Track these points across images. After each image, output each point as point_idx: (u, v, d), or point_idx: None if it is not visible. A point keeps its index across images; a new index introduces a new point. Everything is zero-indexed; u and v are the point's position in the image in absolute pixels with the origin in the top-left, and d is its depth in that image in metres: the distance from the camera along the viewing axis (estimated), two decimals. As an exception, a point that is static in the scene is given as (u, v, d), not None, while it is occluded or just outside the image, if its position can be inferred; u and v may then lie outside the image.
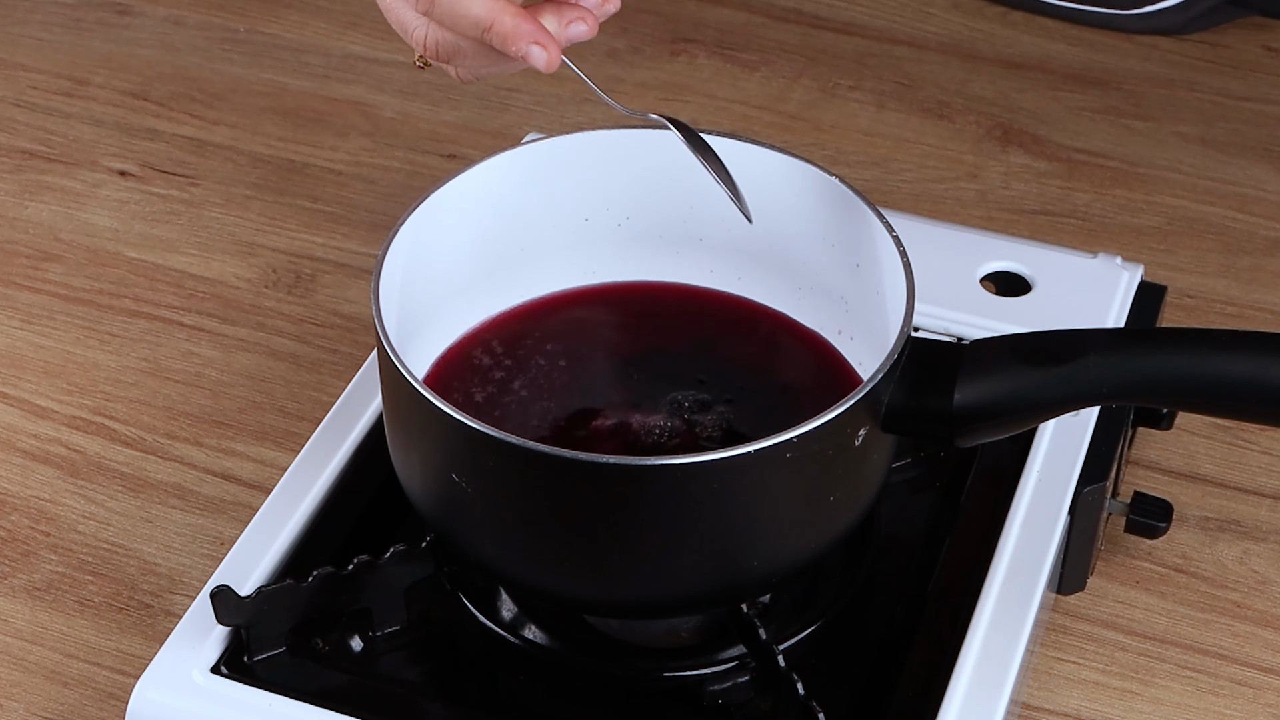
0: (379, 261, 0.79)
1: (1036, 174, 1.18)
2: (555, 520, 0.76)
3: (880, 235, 0.82)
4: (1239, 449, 1.00)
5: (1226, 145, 1.20)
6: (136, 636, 0.90)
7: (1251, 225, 1.14)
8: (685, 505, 0.73)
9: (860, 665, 0.82)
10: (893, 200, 1.15)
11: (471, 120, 1.22)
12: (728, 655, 0.81)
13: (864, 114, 1.23)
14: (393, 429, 0.81)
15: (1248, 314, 1.08)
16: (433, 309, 0.86)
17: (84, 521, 0.96)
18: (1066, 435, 0.89)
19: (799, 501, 0.76)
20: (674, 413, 0.84)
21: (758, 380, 0.86)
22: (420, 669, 0.82)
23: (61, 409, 1.02)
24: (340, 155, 1.19)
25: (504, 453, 0.73)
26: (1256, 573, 0.93)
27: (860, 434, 0.76)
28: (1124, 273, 0.98)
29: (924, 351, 0.78)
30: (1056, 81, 1.25)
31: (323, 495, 0.87)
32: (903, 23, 1.31)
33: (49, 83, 1.26)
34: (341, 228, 1.14)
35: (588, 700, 0.80)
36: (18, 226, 1.14)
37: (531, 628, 0.83)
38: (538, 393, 0.85)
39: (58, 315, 1.08)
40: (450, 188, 0.84)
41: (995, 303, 0.96)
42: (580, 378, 0.86)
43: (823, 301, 0.87)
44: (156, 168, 1.19)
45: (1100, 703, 0.88)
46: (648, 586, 0.77)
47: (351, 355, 1.05)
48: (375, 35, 1.29)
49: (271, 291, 1.09)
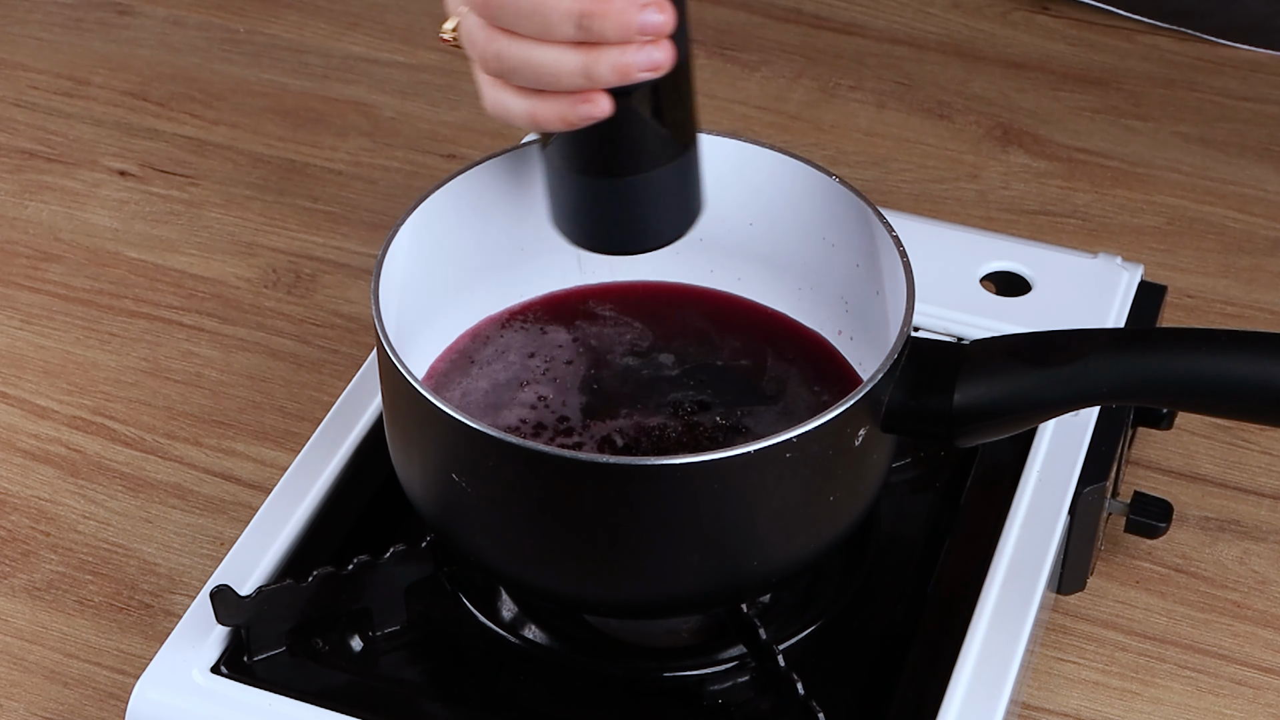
0: (379, 261, 0.79)
1: (1036, 174, 1.18)
2: (555, 520, 0.76)
3: (880, 235, 0.82)
4: (1239, 449, 1.00)
5: (1226, 145, 1.20)
6: (136, 636, 0.90)
7: (1251, 225, 1.14)
8: (685, 505, 0.73)
9: (860, 665, 0.82)
10: (893, 200, 1.15)
11: (471, 120, 1.22)
12: (728, 655, 0.81)
13: (864, 114, 1.23)
14: (393, 429, 0.81)
15: (1248, 314, 1.08)
16: (433, 309, 0.86)
17: (84, 521, 0.96)
18: (1066, 435, 0.89)
19: (799, 501, 0.76)
20: (674, 413, 0.84)
21: (757, 380, 0.85)
22: (420, 669, 0.82)
23: (61, 409, 1.02)
24: (340, 155, 1.19)
25: (504, 453, 0.73)
26: (1256, 573, 0.93)
27: (860, 434, 0.76)
28: (1124, 273, 0.98)
29: (924, 351, 0.78)
30: (1056, 81, 1.25)
31: (323, 495, 0.87)
32: (903, 23, 1.31)
33: (49, 83, 1.26)
34: (341, 228, 1.14)
35: (588, 700, 0.80)
36: (18, 226, 1.14)
37: (531, 628, 0.83)
38: (538, 393, 0.85)
39: (58, 315, 1.08)
40: (450, 188, 0.84)
41: (995, 303, 0.96)
42: (580, 378, 0.86)
43: (823, 301, 0.87)
44: (156, 168, 1.19)
45: (1100, 703, 0.88)
46: (648, 586, 0.77)
47: (351, 355, 1.05)
48: (375, 35, 1.30)
49: (271, 291, 1.09)
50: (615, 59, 0.70)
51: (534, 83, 0.72)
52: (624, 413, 0.84)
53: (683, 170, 0.77)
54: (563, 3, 0.69)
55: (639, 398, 0.84)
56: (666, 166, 0.76)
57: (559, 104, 0.72)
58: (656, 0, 0.70)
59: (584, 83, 0.71)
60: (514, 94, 0.73)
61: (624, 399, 0.84)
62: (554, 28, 0.70)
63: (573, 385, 0.85)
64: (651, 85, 0.73)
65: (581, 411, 0.84)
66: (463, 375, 0.86)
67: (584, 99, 0.71)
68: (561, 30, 0.70)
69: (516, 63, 0.71)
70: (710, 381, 0.85)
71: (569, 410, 0.84)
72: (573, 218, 0.79)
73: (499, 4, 0.71)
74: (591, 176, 0.76)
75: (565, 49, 0.70)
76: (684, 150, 0.76)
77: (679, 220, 0.79)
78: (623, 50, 0.70)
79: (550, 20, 0.70)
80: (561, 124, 0.72)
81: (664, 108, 0.74)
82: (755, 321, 0.89)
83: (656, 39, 0.70)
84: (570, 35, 0.70)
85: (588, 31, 0.70)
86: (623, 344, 0.88)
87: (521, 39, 0.71)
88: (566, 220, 0.79)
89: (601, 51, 0.70)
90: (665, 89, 0.74)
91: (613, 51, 0.70)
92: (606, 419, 0.83)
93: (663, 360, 0.87)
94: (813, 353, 0.87)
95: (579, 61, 0.70)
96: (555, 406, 0.84)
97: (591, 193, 0.77)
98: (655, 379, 0.86)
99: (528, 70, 0.71)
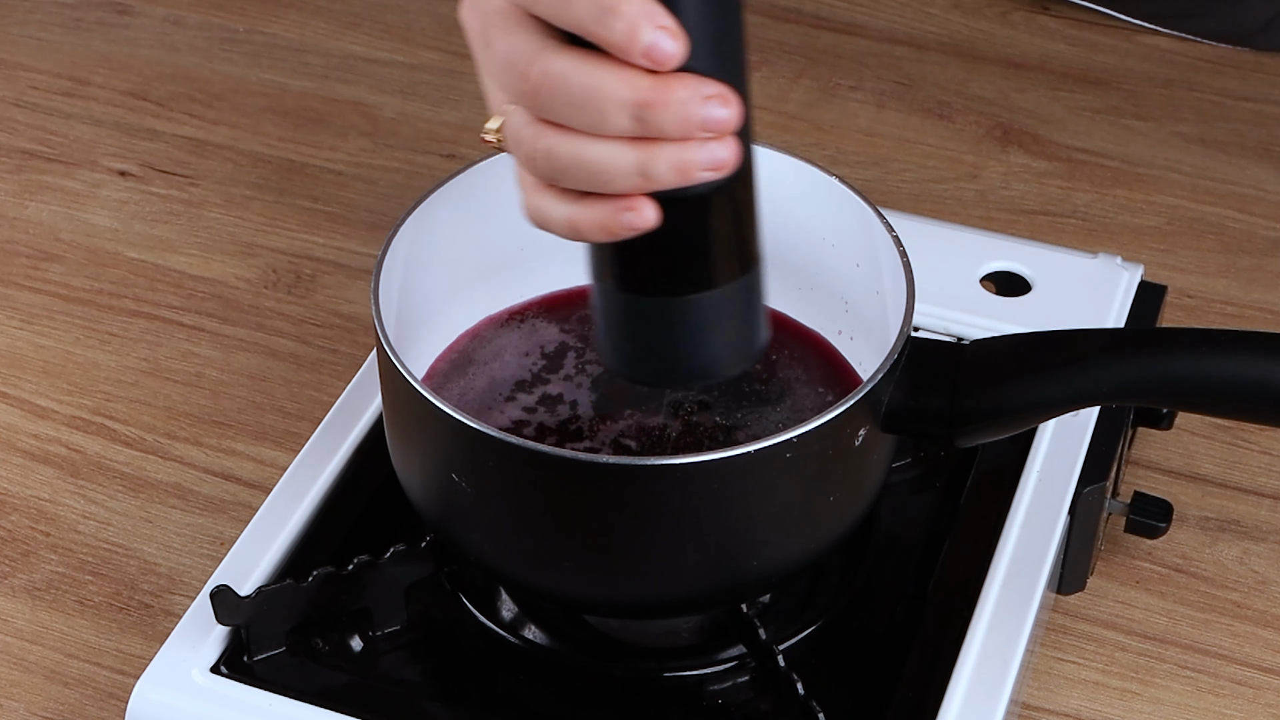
0: (379, 261, 0.79)
1: (1036, 174, 1.18)
2: (555, 520, 0.76)
3: (880, 235, 0.82)
4: (1239, 449, 1.00)
5: (1226, 145, 1.20)
6: (136, 636, 0.90)
7: (1251, 225, 1.14)
8: (685, 505, 0.73)
9: (860, 665, 0.82)
10: (893, 200, 1.15)
11: (471, 120, 1.22)
12: (728, 655, 0.81)
13: (864, 114, 1.23)
14: (393, 429, 0.81)
15: (1248, 314, 1.08)
16: (433, 309, 0.86)
17: (84, 521, 0.96)
18: (1066, 435, 0.89)
19: (799, 501, 0.76)
20: (674, 413, 0.84)
21: (757, 381, 0.85)
22: (420, 669, 0.82)
23: (61, 409, 1.02)
24: (340, 155, 1.19)
25: (504, 453, 0.73)
26: (1256, 573, 0.93)
27: (860, 434, 0.76)
28: (1124, 273, 0.98)
29: (924, 351, 0.78)
30: (1056, 81, 1.25)
31: (323, 495, 0.87)
32: (903, 23, 1.31)
33: (49, 83, 1.26)
34: (341, 228, 1.14)
35: (588, 700, 0.80)
36: (18, 226, 1.14)
37: (531, 628, 0.83)
38: (538, 393, 0.85)
39: (58, 315, 1.08)
40: (450, 188, 0.84)
41: (995, 303, 0.96)
42: (580, 378, 0.86)
43: (823, 301, 0.87)
44: (156, 168, 1.19)
45: (1100, 703, 0.88)
46: (648, 586, 0.77)
47: (351, 355, 1.05)
48: (375, 35, 1.30)
49: (271, 291, 1.09)
50: (674, 156, 0.63)
51: (586, 184, 0.64)
52: (624, 413, 0.84)
53: (738, 295, 0.67)
54: (619, 92, 0.62)
55: (639, 398, 0.84)
56: (719, 289, 0.66)
57: (601, 210, 0.64)
58: (721, 93, 0.63)
59: (639, 182, 0.63)
60: (556, 198, 0.66)
61: (624, 399, 0.84)
62: (608, 119, 0.63)
63: (573, 385, 0.85)
64: (711, 190, 0.64)
65: (582, 411, 0.84)
66: (462, 375, 0.86)
67: (628, 206, 0.64)
68: (616, 123, 0.63)
69: (567, 160, 0.64)
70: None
71: (569, 410, 0.84)
72: (608, 336, 0.70)
73: (549, 94, 0.63)
74: (633, 294, 0.67)
75: (620, 144, 0.63)
76: (744, 271, 0.67)
77: (732, 354, 0.69)
78: (683, 147, 0.63)
79: (605, 111, 0.62)
80: (603, 234, 0.65)
81: (723, 218, 0.66)
82: (755, 321, 0.89)
83: (720, 135, 0.63)
84: (626, 129, 0.63)
85: (645, 124, 0.62)
86: (623, 344, 0.87)
87: (573, 134, 0.64)
88: (605, 340, 0.70)
89: (659, 148, 0.63)
90: (725, 196, 0.65)
91: (671, 148, 0.63)
92: (607, 419, 0.83)
93: (663, 360, 0.87)
94: (813, 353, 0.87)
95: (634, 158, 0.63)
96: (555, 406, 0.84)
97: (631, 311, 0.68)
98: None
99: (578, 169, 0.64)
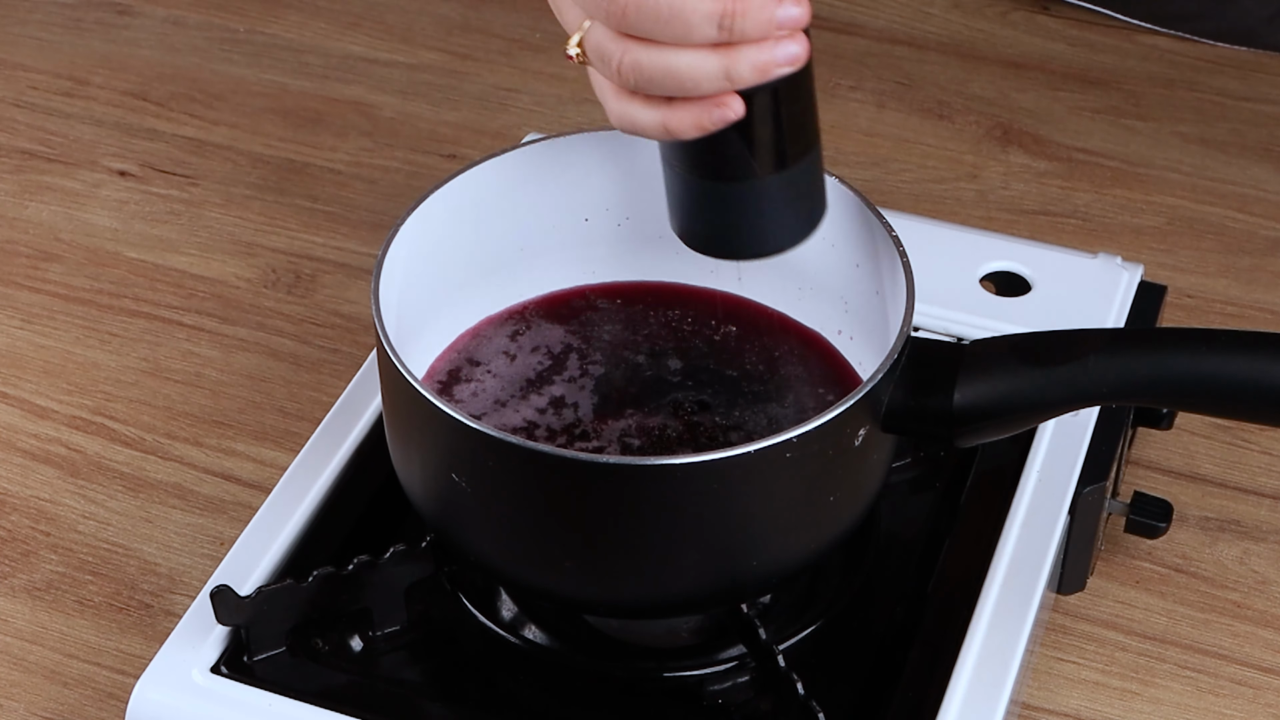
0: (379, 261, 0.79)
1: (1036, 174, 1.18)
2: (555, 520, 0.76)
3: (880, 235, 0.82)
4: (1239, 449, 1.00)
5: (1226, 145, 1.20)
6: (136, 636, 0.90)
7: (1251, 225, 1.14)
8: (685, 505, 0.73)
9: (860, 665, 0.82)
10: (893, 200, 1.15)
11: (471, 120, 1.22)
12: (728, 655, 0.81)
13: (864, 114, 1.23)
14: (393, 429, 0.81)
15: (1248, 314, 1.08)
16: (433, 309, 0.86)
17: (84, 521, 0.96)
18: (1066, 435, 0.89)
19: (799, 501, 0.76)
20: (674, 413, 0.84)
21: (758, 381, 0.85)
22: (420, 669, 0.82)
23: (61, 409, 1.02)
24: (340, 155, 1.19)
25: (504, 453, 0.73)
26: (1256, 573, 0.93)
27: (860, 434, 0.76)
28: (1124, 273, 0.98)
29: (924, 351, 0.78)
30: (1056, 81, 1.25)
31: (323, 495, 0.87)
32: (903, 23, 1.31)
33: (49, 83, 1.26)
34: (341, 228, 1.14)
35: (588, 700, 0.80)
36: (18, 226, 1.14)
37: (531, 628, 0.83)
38: (538, 393, 0.85)
39: (58, 315, 1.08)
40: (450, 188, 0.84)
41: (995, 303, 0.96)
42: (580, 378, 0.86)
43: (823, 301, 0.87)
44: (156, 168, 1.19)
45: (1100, 703, 0.88)
46: (648, 586, 0.77)
47: (351, 355, 1.05)
48: (375, 35, 1.30)
49: (271, 291, 1.09)
50: (755, 57, 0.69)
51: (674, 90, 0.69)
52: (624, 412, 0.84)
53: (810, 170, 0.75)
54: (703, 4, 0.67)
55: (639, 397, 0.84)
56: (796, 166, 0.74)
57: (693, 111, 0.70)
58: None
59: (724, 84, 0.69)
60: (643, 105, 0.71)
61: (624, 399, 0.84)
62: (694, 30, 0.68)
63: (573, 385, 0.85)
64: (783, 83, 0.70)
65: (582, 411, 0.84)
66: (462, 375, 0.86)
67: (717, 103, 0.69)
68: (702, 32, 0.68)
69: (655, 71, 0.69)
70: (711, 381, 0.85)
71: (569, 410, 0.84)
72: (698, 223, 0.76)
73: (636, 10, 0.68)
74: (722, 181, 0.73)
75: (704, 52, 0.69)
76: (810, 149, 0.74)
77: (808, 221, 0.77)
78: (761, 48, 0.69)
79: (690, 23, 0.68)
80: (696, 130, 0.70)
81: (794, 106, 0.72)
82: (755, 321, 0.89)
83: (793, 33, 0.69)
84: (710, 37, 0.68)
85: (729, 31, 0.68)
86: (623, 344, 0.88)
87: (659, 46, 0.69)
88: (691, 226, 0.77)
89: (741, 51, 0.69)
90: (795, 87, 0.71)
91: (751, 50, 0.69)
92: (607, 419, 0.83)
93: (663, 360, 0.87)
94: (813, 353, 0.87)
95: (719, 64, 0.69)
96: (555, 406, 0.84)
97: (720, 197, 0.74)
98: (656, 379, 0.86)
99: (666, 78, 0.69)
